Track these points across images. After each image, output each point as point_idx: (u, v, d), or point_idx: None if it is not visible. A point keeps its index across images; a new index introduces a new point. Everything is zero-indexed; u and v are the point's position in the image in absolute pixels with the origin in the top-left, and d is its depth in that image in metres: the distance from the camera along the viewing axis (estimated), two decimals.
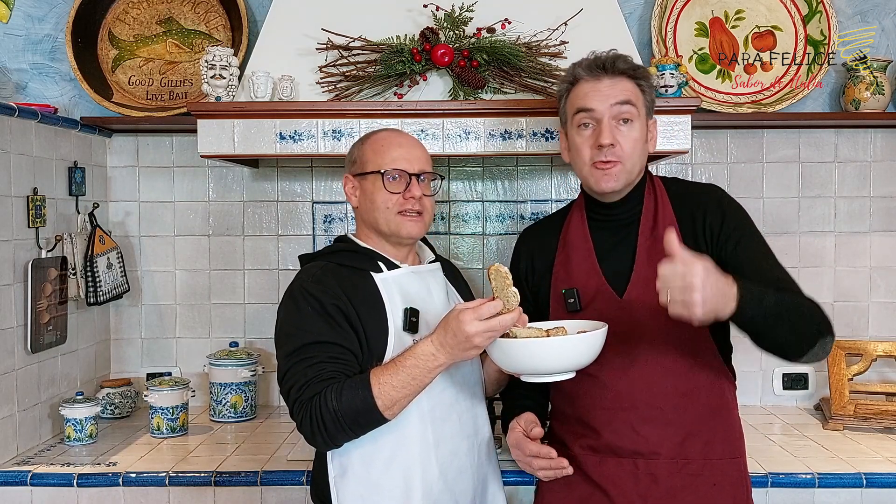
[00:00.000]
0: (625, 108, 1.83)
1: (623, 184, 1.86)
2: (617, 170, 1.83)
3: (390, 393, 1.64)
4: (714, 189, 1.95)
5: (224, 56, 2.42)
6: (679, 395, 1.82)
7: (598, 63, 1.86)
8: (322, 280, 1.77)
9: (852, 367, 2.77)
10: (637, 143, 1.84)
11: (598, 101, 1.84)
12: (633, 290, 1.84)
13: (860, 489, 2.21)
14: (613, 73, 1.85)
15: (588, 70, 1.87)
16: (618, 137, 1.82)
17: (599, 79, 1.85)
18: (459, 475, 1.81)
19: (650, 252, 1.85)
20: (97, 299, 2.69)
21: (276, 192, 2.99)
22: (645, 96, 1.88)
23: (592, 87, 1.85)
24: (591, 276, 1.88)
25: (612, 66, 1.85)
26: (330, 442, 1.69)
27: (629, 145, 1.83)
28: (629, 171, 1.85)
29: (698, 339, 1.83)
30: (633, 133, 1.84)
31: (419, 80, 2.47)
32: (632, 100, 1.84)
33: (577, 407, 1.89)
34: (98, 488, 2.24)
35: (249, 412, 2.81)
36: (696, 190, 1.95)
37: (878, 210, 2.94)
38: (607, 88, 1.84)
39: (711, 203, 1.88)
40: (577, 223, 1.96)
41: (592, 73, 1.86)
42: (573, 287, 1.89)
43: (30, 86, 2.94)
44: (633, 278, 1.85)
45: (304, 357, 1.70)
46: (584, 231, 1.94)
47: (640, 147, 1.86)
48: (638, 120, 1.85)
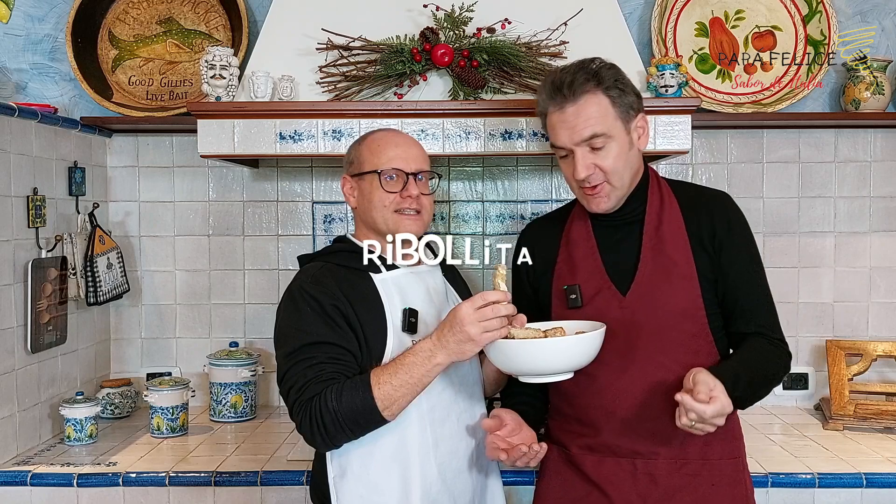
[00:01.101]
0: (592, 141, 1.78)
1: (616, 200, 1.85)
2: (605, 191, 1.83)
3: (390, 393, 1.64)
4: (724, 199, 1.94)
5: (224, 56, 2.42)
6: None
7: (557, 86, 1.79)
8: (321, 280, 1.77)
9: (852, 367, 2.77)
10: (618, 160, 1.80)
11: (564, 136, 1.80)
12: (636, 289, 1.84)
13: (860, 489, 2.21)
14: (575, 96, 1.77)
15: (551, 97, 1.81)
16: (594, 163, 1.80)
17: (563, 108, 1.79)
18: (458, 475, 1.81)
19: (654, 251, 1.85)
20: (97, 299, 2.69)
21: (276, 192, 2.99)
22: (616, 107, 1.79)
23: (559, 119, 1.80)
24: (594, 273, 1.88)
25: (570, 89, 1.77)
26: (330, 442, 1.69)
27: (609, 165, 1.80)
28: (619, 187, 1.84)
29: (699, 339, 1.83)
30: (609, 154, 1.79)
31: (419, 80, 2.47)
32: (598, 130, 1.77)
33: (576, 406, 1.88)
34: (98, 488, 2.24)
35: (249, 412, 2.81)
36: (706, 198, 1.93)
37: (878, 210, 2.94)
38: (572, 118, 1.78)
39: (720, 215, 1.88)
40: (580, 220, 1.96)
41: (555, 102, 1.80)
42: (575, 284, 1.88)
43: (30, 86, 2.94)
44: (638, 277, 1.84)
45: (303, 358, 1.70)
46: (587, 228, 1.93)
47: (624, 159, 1.81)
48: (613, 139, 1.80)
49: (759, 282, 1.88)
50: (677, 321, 1.82)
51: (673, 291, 1.82)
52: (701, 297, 1.82)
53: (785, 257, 2.94)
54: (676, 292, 1.82)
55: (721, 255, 1.85)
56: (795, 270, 2.95)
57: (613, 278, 1.86)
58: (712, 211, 1.88)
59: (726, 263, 1.85)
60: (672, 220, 1.87)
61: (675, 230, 1.86)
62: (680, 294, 1.82)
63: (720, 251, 1.85)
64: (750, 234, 1.91)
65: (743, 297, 1.85)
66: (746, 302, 1.85)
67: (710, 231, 1.86)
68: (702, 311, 1.82)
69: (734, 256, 1.85)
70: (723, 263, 1.85)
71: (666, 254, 1.85)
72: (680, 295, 1.82)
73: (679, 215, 1.88)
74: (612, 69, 1.82)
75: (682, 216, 1.88)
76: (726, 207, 1.91)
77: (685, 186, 1.99)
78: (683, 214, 1.88)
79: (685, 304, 1.82)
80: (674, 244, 1.85)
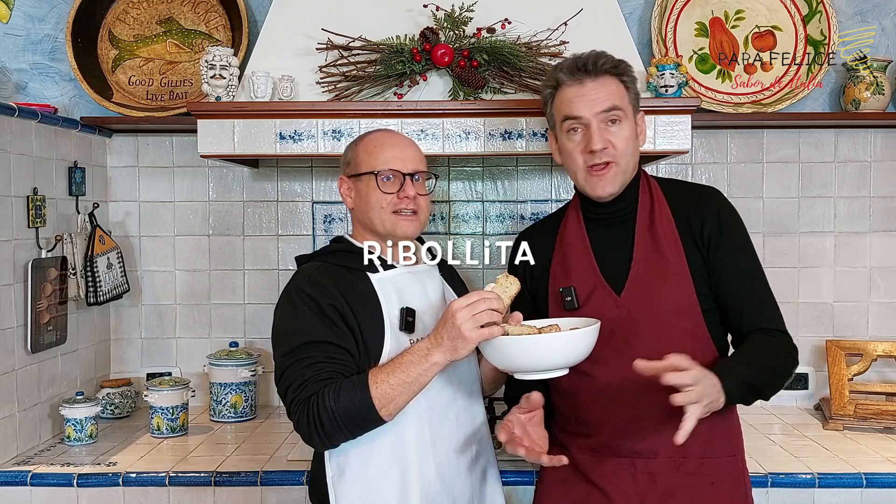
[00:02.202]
0: (612, 113, 1.81)
1: (619, 185, 1.85)
2: (612, 172, 1.83)
3: (387, 392, 1.63)
4: (713, 195, 1.94)
5: (224, 56, 2.42)
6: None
7: (580, 64, 1.82)
8: (318, 280, 1.77)
9: (852, 367, 2.77)
10: (629, 142, 1.84)
11: (584, 107, 1.81)
12: (630, 288, 1.84)
13: (860, 489, 2.21)
14: (596, 74, 1.82)
15: (570, 74, 1.83)
16: (609, 138, 1.81)
17: (583, 82, 1.82)
18: (457, 474, 1.81)
19: (647, 250, 1.85)
20: (97, 299, 2.69)
21: (276, 192, 2.99)
22: (629, 93, 1.86)
23: (577, 93, 1.82)
24: (589, 274, 1.88)
25: (594, 67, 1.81)
26: (328, 442, 1.69)
27: (622, 144, 1.82)
28: (624, 171, 1.85)
29: (696, 338, 1.83)
30: (623, 132, 1.83)
31: (419, 80, 2.47)
32: (617, 104, 1.82)
33: (575, 406, 1.88)
34: (98, 488, 2.24)
35: (249, 412, 2.81)
36: (695, 194, 1.94)
37: (878, 210, 2.94)
38: (592, 92, 1.81)
39: (710, 211, 1.87)
40: (573, 222, 1.96)
41: (575, 77, 1.83)
42: (570, 285, 1.89)
43: (30, 86, 2.94)
44: (631, 276, 1.85)
45: (301, 357, 1.70)
46: (580, 230, 1.94)
47: (632, 144, 1.85)
48: (626, 120, 1.84)
49: (755, 276, 1.87)
50: (674, 319, 1.82)
51: (668, 289, 1.82)
52: (695, 293, 1.82)
53: (785, 257, 2.94)
54: (671, 290, 1.82)
55: (712, 250, 1.84)
56: (795, 270, 2.95)
57: (608, 278, 1.86)
58: (702, 207, 1.88)
59: (719, 259, 1.84)
60: (663, 217, 1.87)
61: (666, 229, 1.86)
62: (675, 292, 1.82)
63: (711, 246, 1.84)
64: (742, 228, 1.90)
65: (740, 291, 1.84)
66: (744, 296, 1.84)
67: (700, 227, 1.85)
68: (697, 308, 1.82)
69: (726, 251, 1.84)
70: (716, 260, 1.84)
71: (659, 252, 1.85)
72: (675, 292, 1.82)
73: (669, 213, 1.88)
74: (627, 65, 1.88)
75: (672, 213, 1.88)
76: (716, 202, 1.90)
77: (674, 184, 1.99)
78: (673, 211, 1.88)
79: (680, 302, 1.82)
80: (666, 243, 1.85)
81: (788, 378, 1.84)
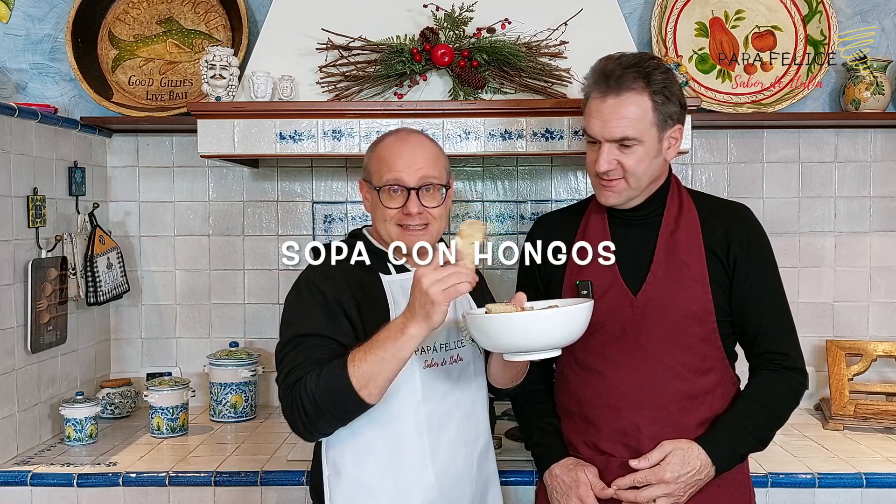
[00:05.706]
0: (623, 141, 1.78)
1: (625, 198, 1.85)
2: (620, 187, 1.83)
3: (365, 370, 1.59)
4: (744, 212, 1.94)
5: (224, 56, 2.42)
6: (685, 398, 1.82)
7: (605, 75, 1.78)
8: (330, 274, 1.77)
9: (852, 367, 2.77)
10: (640, 162, 1.79)
11: (597, 128, 1.79)
12: (648, 290, 1.84)
13: (860, 489, 2.21)
14: (619, 89, 1.76)
15: (596, 84, 1.80)
16: (618, 159, 1.79)
17: (605, 98, 1.77)
18: (457, 482, 1.79)
19: (668, 253, 1.85)
20: (97, 299, 2.69)
21: (276, 192, 2.99)
22: (658, 111, 1.78)
23: (597, 109, 1.79)
24: (607, 271, 1.87)
25: (616, 83, 1.76)
26: (312, 428, 1.66)
27: (632, 164, 1.79)
28: (634, 187, 1.83)
29: (707, 344, 1.83)
30: (635, 154, 1.79)
31: (419, 80, 2.47)
32: (630, 133, 1.76)
33: (583, 405, 1.88)
34: (98, 488, 2.24)
35: (249, 412, 2.81)
36: (725, 211, 1.93)
37: (878, 210, 2.94)
38: (609, 112, 1.77)
39: (738, 228, 1.88)
40: (596, 218, 1.95)
41: (599, 89, 1.79)
42: (587, 280, 1.88)
43: (30, 86, 2.94)
44: (650, 278, 1.85)
45: (296, 346, 1.70)
46: (604, 226, 1.92)
47: (646, 164, 1.80)
48: (641, 145, 1.78)
49: (776, 300, 1.88)
50: (687, 324, 1.82)
51: (684, 294, 1.82)
52: (712, 301, 1.82)
53: (785, 257, 2.93)
54: (688, 295, 1.82)
55: (736, 268, 1.85)
56: (795, 270, 2.95)
57: (626, 277, 1.86)
58: (731, 224, 1.88)
59: (741, 277, 1.84)
60: (689, 226, 1.87)
61: (691, 236, 1.86)
62: (691, 297, 1.82)
63: (735, 264, 1.85)
64: (768, 250, 1.90)
65: (760, 314, 1.85)
66: (761, 319, 1.85)
67: (727, 243, 1.85)
68: (712, 317, 1.82)
69: (749, 271, 1.85)
70: (738, 277, 1.84)
71: (680, 258, 1.84)
72: (691, 298, 1.82)
73: (697, 224, 1.88)
74: (665, 74, 1.80)
75: (700, 225, 1.87)
76: (745, 221, 1.90)
77: (706, 198, 1.98)
78: (702, 224, 1.88)
79: (695, 308, 1.82)
80: (688, 249, 1.85)
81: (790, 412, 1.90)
